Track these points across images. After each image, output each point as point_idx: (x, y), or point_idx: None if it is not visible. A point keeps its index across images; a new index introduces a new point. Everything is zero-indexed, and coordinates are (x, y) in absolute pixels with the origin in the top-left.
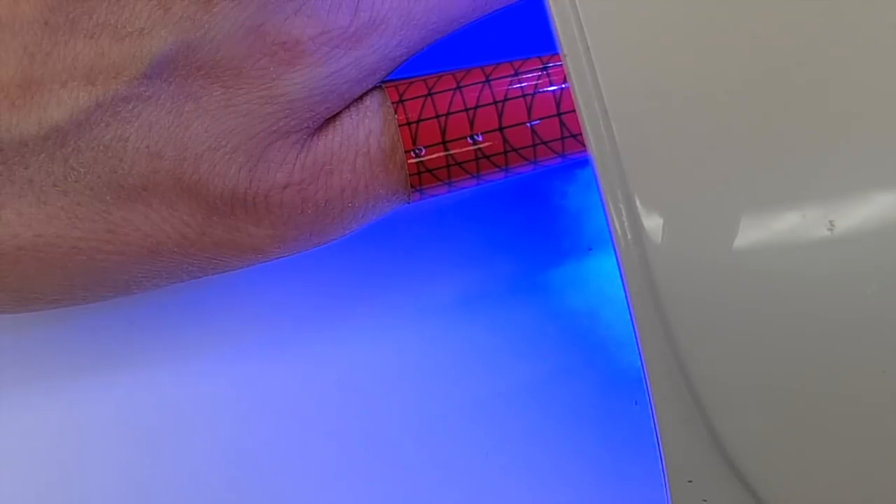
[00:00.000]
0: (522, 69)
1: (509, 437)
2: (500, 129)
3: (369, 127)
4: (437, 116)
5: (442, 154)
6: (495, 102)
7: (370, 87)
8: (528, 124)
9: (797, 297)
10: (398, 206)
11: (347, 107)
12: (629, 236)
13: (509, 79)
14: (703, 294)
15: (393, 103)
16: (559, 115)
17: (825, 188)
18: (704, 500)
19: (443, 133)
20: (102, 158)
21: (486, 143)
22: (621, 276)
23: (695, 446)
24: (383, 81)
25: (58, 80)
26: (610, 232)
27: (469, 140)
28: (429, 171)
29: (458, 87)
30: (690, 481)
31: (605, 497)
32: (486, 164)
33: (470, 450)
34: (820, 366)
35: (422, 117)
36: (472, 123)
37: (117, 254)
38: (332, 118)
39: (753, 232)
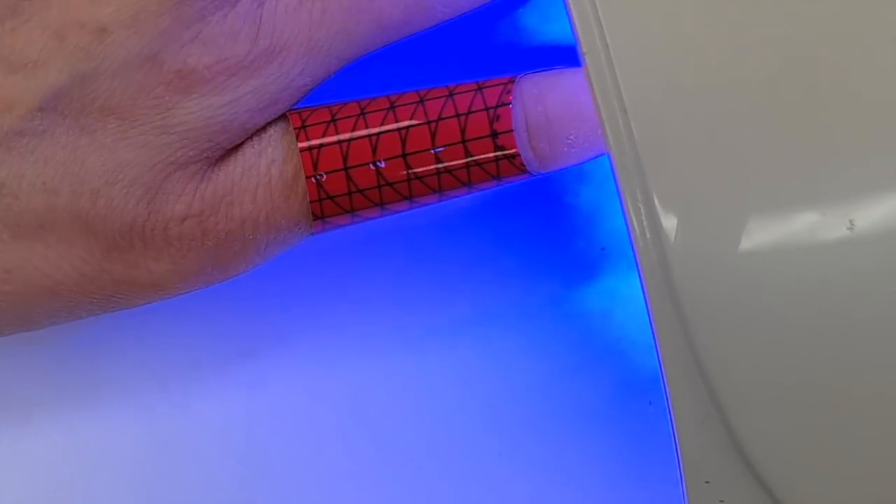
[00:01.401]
0: (427, 97)
1: (523, 438)
2: (403, 155)
3: (272, 156)
4: (340, 142)
5: (344, 180)
6: (399, 129)
7: (273, 116)
8: (432, 151)
9: (816, 297)
10: (301, 238)
11: (250, 136)
12: (648, 235)
13: (413, 106)
14: (721, 293)
15: (295, 128)
16: (464, 142)
17: (845, 187)
18: (721, 501)
19: (345, 158)
20: None
21: (389, 170)
22: (639, 274)
23: (712, 446)
24: (288, 110)
25: None
26: (628, 231)
27: (371, 166)
28: (330, 198)
29: (362, 114)
30: (708, 482)
31: (620, 498)
32: (390, 191)
33: (483, 451)
34: (839, 366)
35: (324, 142)
36: (374, 149)
37: (15, 294)
38: (234, 148)
39: (773, 231)
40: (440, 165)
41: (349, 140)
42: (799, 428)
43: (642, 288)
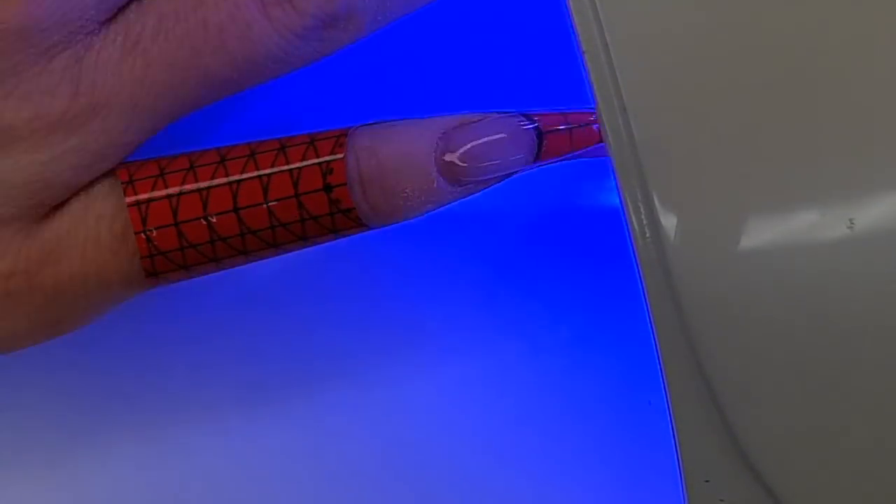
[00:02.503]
0: (258, 150)
1: (523, 437)
2: (235, 210)
3: (99, 211)
4: (169, 196)
5: (175, 236)
6: (229, 183)
7: (100, 173)
8: (265, 205)
9: (816, 296)
10: (136, 293)
11: (77, 192)
12: (647, 234)
13: (244, 159)
14: (721, 292)
15: (123, 183)
16: (297, 196)
17: (844, 186)
18: (721, 501)
19: (174, 213)
20: None
21: (221, 225)
22: (639, 274)
23: (712, 445)
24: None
25: None
26: (628, 230)
27: (203, 221)
28: (162, 253)
29: (192, 168)
30: (707, 481)
31: (619, 497)
32: (223, 246)
33: (482, 450)
34: (839, 365)
35: (153, 197)
36: (205, 204)
37: None
38: (62, 203)
39: (773, 230)
40: (274, 220)
41: (178, 194)
42: (799, 427)
43: (642, 288)
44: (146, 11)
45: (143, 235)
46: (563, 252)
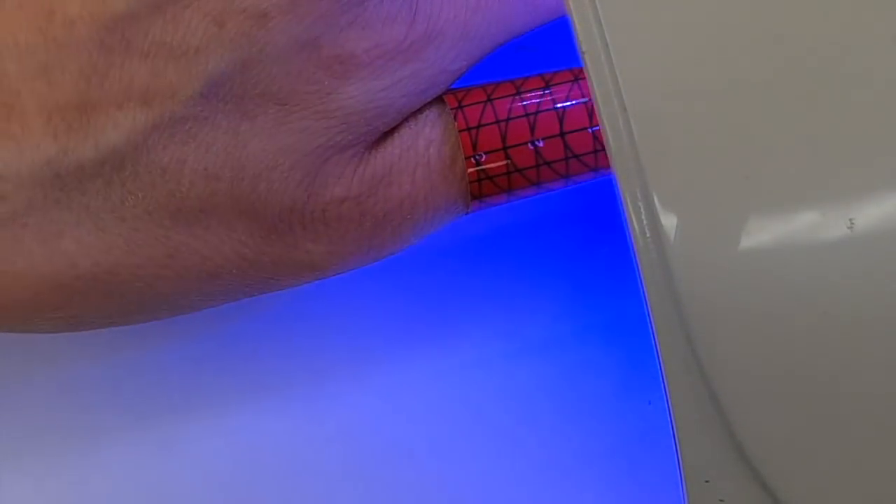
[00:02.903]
0: (581, 75)
1: (523, 437)
2: (562, 134)
3: (429, 137)
4: (497, 122)
5: (503, 161)
6: (556, 108)
7: (429, 99)
8: (590, 130)
9: (816, 296)
10: (457, 217)
11: (406, 118)
12: (647, 234)
13: (569, 84)
14: (721, 293)
15: (452, 109)
16: None
17: (845, 186)
18: (721, 501)
19: (503, 139)
20: (160, 182)
21: (548, 149)
22: (638, 274)
23: (712, 446)
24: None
25: (114, 101)
26: (627, 230)
27: (530, 146)
28: (489, 178)
29: (518, 93)
30: (707, 481)
31: (619, 497)
32: (547, 170)
33: (482, 450)
34: (840, 365)
35: (482, 123)
36: (532, 129)
37: (176, 278)
38: (392, 130)
39: (773, 230)
40: (597, 144)
41: (507, 119)
42: (799, 428)
43: (642, 288)
44: None
45: (472, 160)
46: (563, 252)
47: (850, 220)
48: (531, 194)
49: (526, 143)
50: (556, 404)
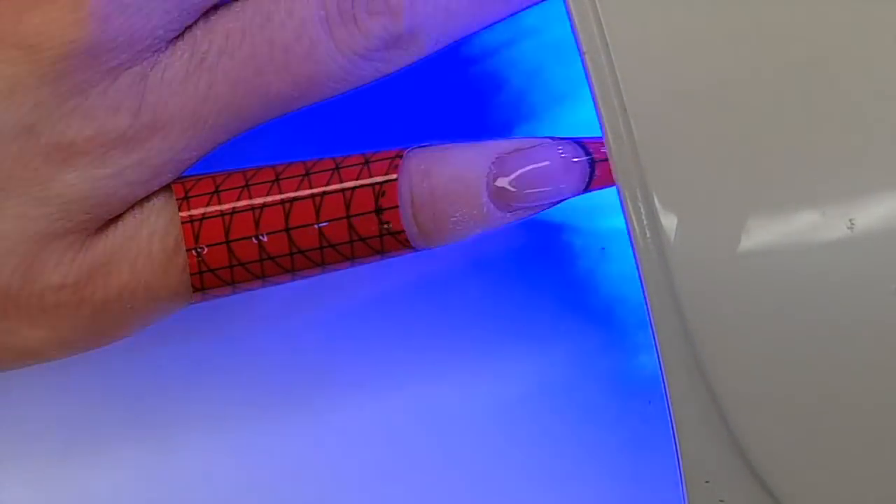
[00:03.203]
0: (313, 169)
1: (523, 437)
2: (287, 230)
3: (153, 226)
4: (222, 214)
5: (225, 253)
6: (283, 202)
7: (156, 188)
8: (316, 226)
9: (816, 296)
10: (180, 307)
11: (132, 206)
12: (648, 234)
13: (299, 178)
14: (721, 293)
15: (178, 199)
16: (348, 217)
17: (845, 186)
18: (721, 501)
19: (227, 231)
20: None
21: (272, 244)
22: (639, 274)
23: (712, 446)
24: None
25: None
26: (628, 230)
27: (254, 240)
28: (211, 271)
29: (247, 185)
30: (707, 482)
31: (620, 498)
32: (271, 265)
33: (483, 450)
34: (840, 366)
35: (206, 215)
36: (257, 223)
37: None
38: (116, 217)
39: (773, 230)
40: (324, 241)
41: (232, 212)
42: (799, 428)
43: (642, 288)
44: (213, 29)
45: (194, 252)
46: (563, 251)
47: (850, 220)
48: (257, 287)
49: (250, 238)
50: (556, 404)
